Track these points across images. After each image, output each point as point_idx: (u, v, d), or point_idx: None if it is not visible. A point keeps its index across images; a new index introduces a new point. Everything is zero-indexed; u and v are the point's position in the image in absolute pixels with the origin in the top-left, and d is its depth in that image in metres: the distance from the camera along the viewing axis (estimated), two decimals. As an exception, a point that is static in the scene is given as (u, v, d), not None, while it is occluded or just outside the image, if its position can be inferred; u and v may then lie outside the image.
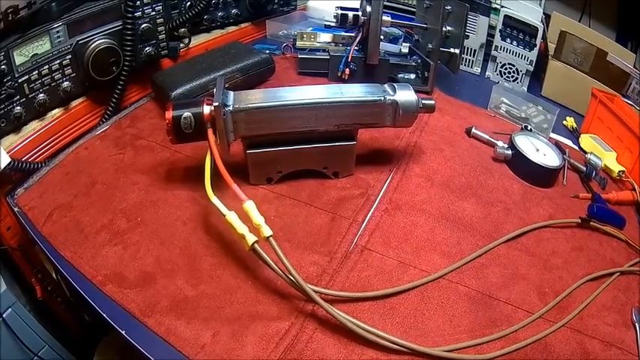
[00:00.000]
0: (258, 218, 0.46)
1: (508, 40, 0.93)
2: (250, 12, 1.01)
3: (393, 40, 0.97)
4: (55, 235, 0.53)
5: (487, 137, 0.73)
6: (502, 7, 0.93)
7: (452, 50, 0.82)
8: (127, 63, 0.71)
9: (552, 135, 0.79)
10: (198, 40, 0.91)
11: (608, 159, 0.73)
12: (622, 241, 0.60)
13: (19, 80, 0.61)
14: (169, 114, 0.51)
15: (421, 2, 0.85)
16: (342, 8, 0.79)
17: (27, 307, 0.69)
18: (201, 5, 0.88)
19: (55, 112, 0.68)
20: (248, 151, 0.56)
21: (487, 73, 1.00)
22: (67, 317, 0.77)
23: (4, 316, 0.63)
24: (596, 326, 0.49)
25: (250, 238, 0.45)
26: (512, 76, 0.96)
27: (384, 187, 0.61)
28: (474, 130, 0.74)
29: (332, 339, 0.44)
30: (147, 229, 0.54)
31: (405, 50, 0.91)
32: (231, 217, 0.46)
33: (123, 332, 0.44)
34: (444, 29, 0.80)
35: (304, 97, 0.54)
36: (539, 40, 0.90)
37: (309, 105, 0.54)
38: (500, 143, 0.70)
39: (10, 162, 0.59)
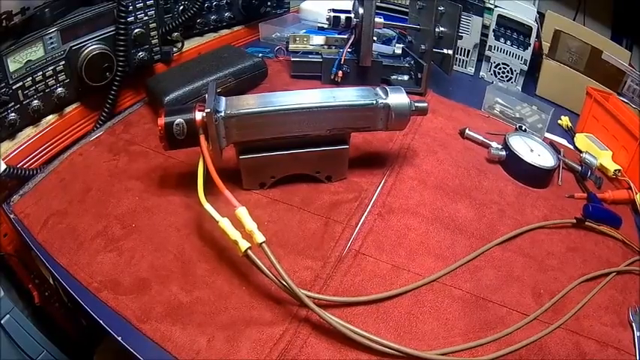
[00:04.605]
0: (250, 225, 0.46)
1: (502, 39, 0.93)
2: (243, 15, 1.01)
3: (387, 41, 0.97)
4: (50, 242, 0.53)
5: (481, 138, 0.73)
6: (496, 6, 0.92)
7: (445, 51, 0.82)
8: (120, 68, 0.71)
9: (547, 134, 0.79)
10: (191, 44, 0.91)
11: (604, 158, 0.73)
12: (618, 241, 0.60)
13: (14, 87, 0.61)
14: (161, 121, 0.51)
15: (414, 3, 0.85)
16: (334, 10, 0.79)
17: (25, 313, 0.69)
18: (194, 9, 0.88)
19: (50, 119, 0.68)
20: (241, 157, 0.56)
21: (481, 74, 1.00)
22: (65, 322, 0.77)
23: (2, 322, 0.63)
24: (592, 327, 0.49)
25: (243, 245, 0.45)
26: (507, 76, 0.96)
27: (378, 191, 0.61)
28: (467, 131, 0.74)
29: (326, 344, 0.44)
30: (141, 236, 0.54)
31: (399, 51, 0.91)
32: (224, 223, 0.46)
33: (119, 339, 0.44)
34: (436, 30, 0.80)
35: (295, 102, 0.54)
36: (533, 40, 0.89)
37: (300, 110, 0.54)
38: (494, 144, 0.70)
39: (6, 169, 0.59)
